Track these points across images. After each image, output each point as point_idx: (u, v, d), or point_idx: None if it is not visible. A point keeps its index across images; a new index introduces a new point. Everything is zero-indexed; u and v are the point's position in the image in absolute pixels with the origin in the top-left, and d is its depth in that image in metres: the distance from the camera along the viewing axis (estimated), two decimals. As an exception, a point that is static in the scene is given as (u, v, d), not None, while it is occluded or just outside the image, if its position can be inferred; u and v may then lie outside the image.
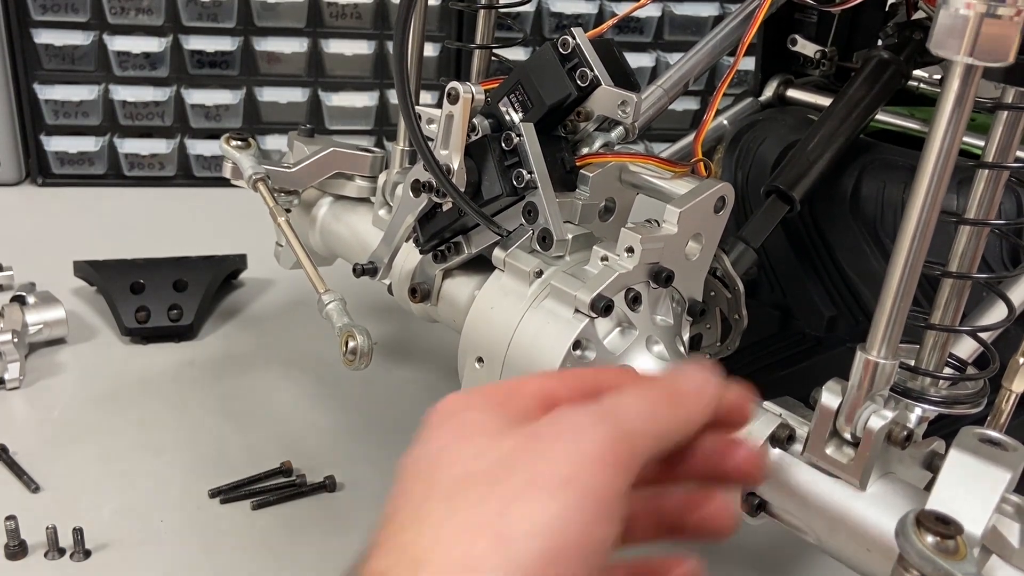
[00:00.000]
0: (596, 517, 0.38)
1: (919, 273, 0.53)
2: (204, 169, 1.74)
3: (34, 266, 1.28)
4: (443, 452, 0.42)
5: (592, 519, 0.38)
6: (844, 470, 0.55)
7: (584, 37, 0.71)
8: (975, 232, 0.61)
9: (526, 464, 0.40)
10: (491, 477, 0.40)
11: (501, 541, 0.37)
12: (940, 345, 0.62)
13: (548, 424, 0.41)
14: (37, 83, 1.64)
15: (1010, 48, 0.47)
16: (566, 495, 0.38)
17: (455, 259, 0.79)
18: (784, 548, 0.90)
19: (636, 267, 0.65)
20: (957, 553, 0.42)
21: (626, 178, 0.74)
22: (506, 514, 0.38)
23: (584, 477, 0.39)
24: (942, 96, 0.49)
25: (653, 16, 1.76)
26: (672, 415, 0.43)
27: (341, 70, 1.73)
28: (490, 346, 0.68)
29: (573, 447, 0.40)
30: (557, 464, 0.39)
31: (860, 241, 0.97)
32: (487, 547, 0.37)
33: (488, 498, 0.39)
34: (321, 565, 0.86)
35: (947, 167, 0.50)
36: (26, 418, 1.06)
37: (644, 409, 0.42)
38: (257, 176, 0.95)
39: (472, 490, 0.39)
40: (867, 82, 0.94)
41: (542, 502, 0.38)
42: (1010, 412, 0.60)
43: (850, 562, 0.56)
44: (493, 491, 0.39)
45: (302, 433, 1.05)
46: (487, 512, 0.38)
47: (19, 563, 0.84)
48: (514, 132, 0.71)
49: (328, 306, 0.84)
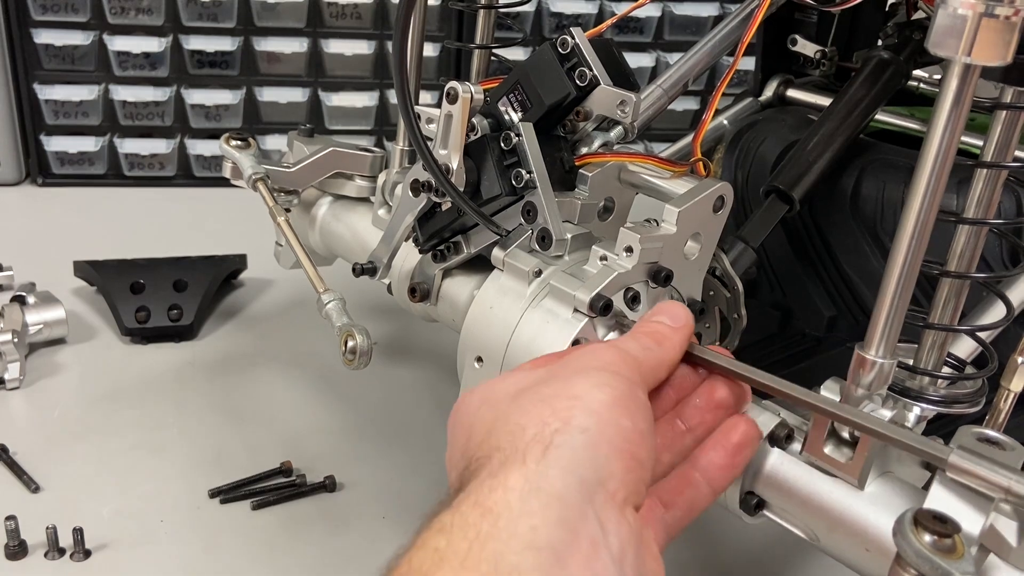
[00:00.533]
0: (633, 385, 0.50)
1: (917, 272, 0.53)
2: (204, 169, 1.74)
3: (34, 266, 1.28)
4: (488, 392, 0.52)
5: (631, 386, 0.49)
6: (842, 469, 0.55)
7: (583, 37, 0.71)
8: (973, 231, 0.62)
9: (565, 367, 0.51)
10: (541, 381, 0.50)
11: (575, 398, 0.47)
12: (939, 344, 0.62)
13: (569, 353, 0.54)
14: (37, 83, 1.64)
15: (1008, 48, 0.47)
16: (603, 373, 0.49)
17: (454, 259, 0.79)
18: (783, 547, 0.90)
19: (635, 266, 0.65)
20: (954, 552, 0.42)
21: (625, 178, 0.74)
22: (570, 385, 0.48)
23: (612, 368, 0.50)
24: (940, 95, 0.49)
25: (653, 16, 1.76)
26: (660, 351, 0.55)
27: (341, 70, 1.73)
28: (489, 345, 0.68)
29: (596, 355, 0.51)
30: (590, 362, 0.51)
31: (860, 241, 0.97)
32: (567, 403, 0.47)
33: (549, 384, 0.49)
34: (321, 565, 0.86)
35: (945, 166, 0.50)
36: (26, 418, 1.06)
37: (639, 349, 0.54)
38: (257, 176, 0.95)
39: (531, 390, 0.49)
40: (867, 82, 0.94)
41: (591, 376, 0.49)
42: (1008, 411, 0.60)
43: (848, 561, 0.56)
44: (550, 383, 0.49)
45: (302, 433, 1.05)
46: (553, 389, 0.49)
47: (19, 563, 0.84)
48: (513, 132, 0.71)
49: (327, 305, 0.84)
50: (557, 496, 0.43)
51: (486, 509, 0.42)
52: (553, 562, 0.40)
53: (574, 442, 0.45)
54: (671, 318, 0.56)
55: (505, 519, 0.41)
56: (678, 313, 0.57)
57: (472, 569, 0.40)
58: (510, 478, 0.43)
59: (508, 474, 0.44)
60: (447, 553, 0.40)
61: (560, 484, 0.43)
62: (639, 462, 0.47)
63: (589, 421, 0.46)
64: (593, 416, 0.46)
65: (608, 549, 0.43)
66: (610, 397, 0.47)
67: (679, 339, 0.55)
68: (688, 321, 0.57)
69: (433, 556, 0.41)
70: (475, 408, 0.51)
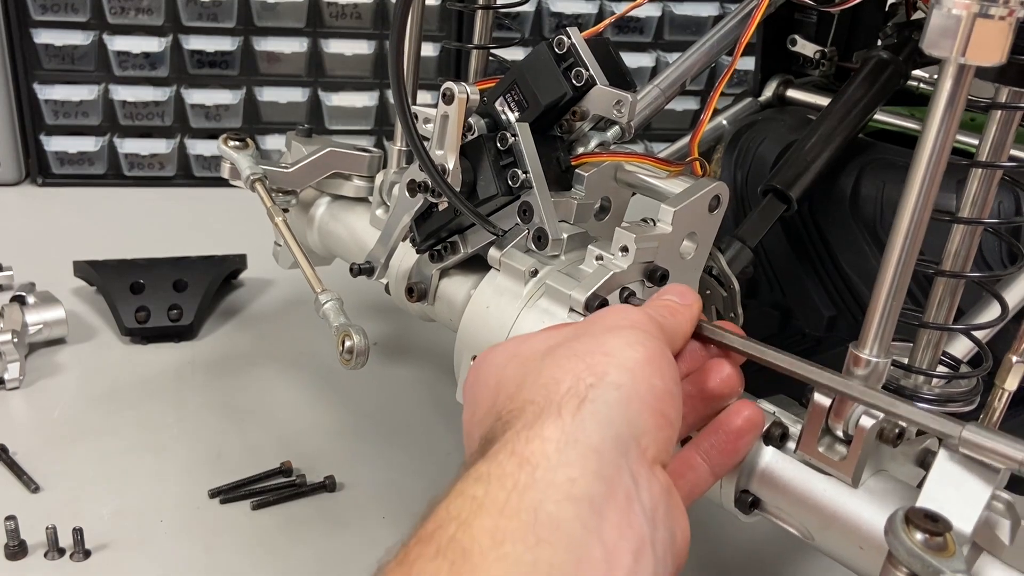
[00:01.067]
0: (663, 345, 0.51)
1: (911, 271, 0.53)
2: (204, 169, 1.74)
3: (34, 266, 1.28)
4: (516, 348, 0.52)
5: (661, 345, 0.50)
6: (836, 468, 0.55)
7: (579, 37, 0.71)
8: (969, 231, 0.62)
9: (594, 324, 0.52)
10: (572, 337, 0.50)
11: (608, 355, 0.48)
12: (934, 343, 0.63)
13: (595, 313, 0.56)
14: (37, 83, 1.64)
15: (1002, 48, 0.47)
16: (635, 331, 0.50)
17: (451, 258, 0.79)
18: (777, 545, 0.91)
19: (631, 266, 0.65)
20: (946, 550, 0.42)
21: (621, 177, 0.75)
22: (602, 342, 0.49)
23: (641, 327, 0.51)
24: (935, 95, 0.49)
25: (653, 16, 1.76)
26: (675, 321, 0.56)
27: (341, 70, 1.73)
28: (486, 345, 0.68)
29: (624, 313, 0.53)
30: (619, 320, 0.52)
31: (859, 241, 0.97)
32: (600, 359, 0.48)
33: (581, 340, 0.50)
34: (321, 565, 0.86)
35: (939, 166, 0.50)
36: (26, 418, 1.06)
37: (658, 315, 0.55)
38: (255, 176, 0.96)
39: (563, 346, 0.50)
40: (866, 82, 0.94)
41: (623, 334, 0.50)
42: (1003, 410, 0.60)
43: (842, 559, 0.56)
44: (581, 339, 0.50)
45: (302, 433, 1.05)
46: (586, 346, 0.49)
47: (19, 563, 0.84)
48: (509, 132, 0.71)
49: (325, 305, 0.85)
50: (594, 449, 0.43)
51: (523, 459, 0.43)
52: (591, 513, 0.41)
53: (608, 397, 0.46)
54: (679, 296, 0.58)
55: (543, 469, 0.42)
56: (685, 292, 0.58)
57: (511, 517, 0.40)
58: (546, 429, 0.44)
59: (544, 425, 0.44)
60: (485, 501, 0.41)
61: (596, 437, 0.44)
62: (669, 421, 0.48)
63: (623, 378, 0.47)
64: (627, 373, 0.47)
65: (640, 503, 0.44)
66: (643, 356, 0.48)
67: (690, 314, 0.57)
68: (696, 300, 0.58)
69: (471, 504, 0.41)
70: (501, 365, 0.52)
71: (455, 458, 1.01)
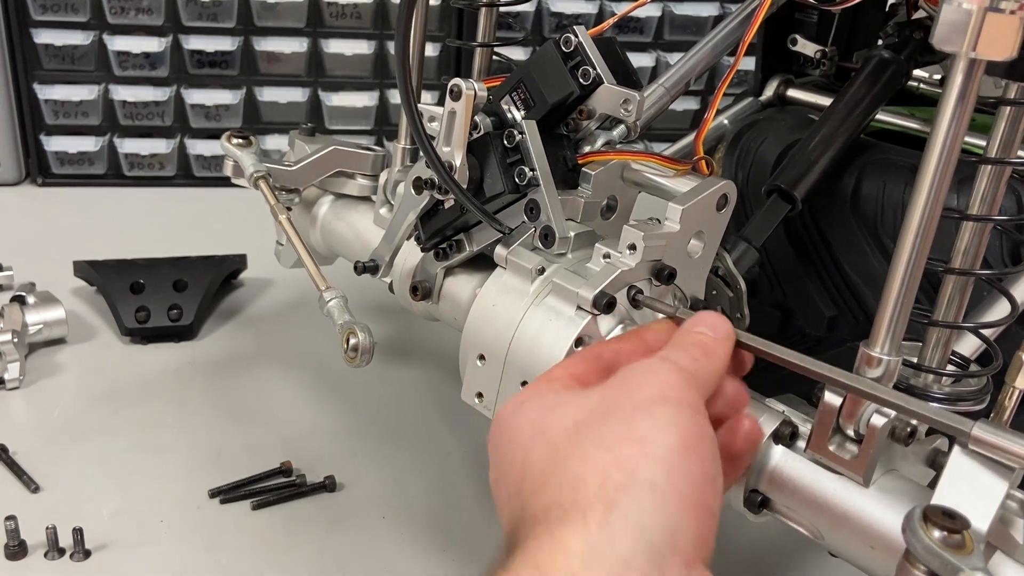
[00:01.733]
0: (697, 415, 0.47)
1: (922, 270, 0.53)
2: (204, 169, 1.74)
3: (34, 266, 1.28)
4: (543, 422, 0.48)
5: (695, 417, 0.46)
6: (847, 467, 0.55)
7: (586, 35, 0.71)
8: (977, 229, 0.61)
9: (624, 398, 0.47)
10: (600, 415, 0.47)
11: (639, 444, 0.44)
12: (943, 342, 0.62)
13: (625, 373, 0.50)
14: (37, 83, 1.64)
15: (1013, 43, 0.47)
16: (667, 406, 0.46)
17: (457, 257, 0.79)
18: (787, 545, 0.90)
19: (638, 264, 0.65)
20: (964, 548, 0.42)
21: (628, 176, 0.74)
22: (633, 426, 0.45)
23: (673, 395, 0.47)
24: (945, 91, 0.49)
25: (653, 16, 1.76)
26: (710, 363, 0.53)
27: (341, 70, 1.73)
28: (492, 344, 0.68)
29: (654, 378, 0.48)
30: (650, 389, 0.47)
31: (860, 241, 0.97)
32: (631, 451, 0.44)
33: (608, 423, 0.46)
34: (321, 565, 0.86)
35: (950, 163, 0.50)
36: (26, 418, 1.06)
37: (690, 361, 0.51)
38: (258, 174, 0.95)
39: (590, 428, 0.46)
40: (867, 82, 0.94)
41: (654, 412, 0.46)
42: (1014, 408, 0.60)
43: (853, 559, 0.56)
44: (609, 421, 0.46)
45: (302, 433, 1.05)
46: (615, 432, 0.45)
47: (19, 563, 0.84)
48: (516, 130, 0.70)
49: (329, 303, 0.84)
50: (624, 562, 0.40)
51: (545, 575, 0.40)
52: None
53: (642, 500, 0.42)
54: (712, 328, 0.55)
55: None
56: (718, 324, 0.55)
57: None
58: (570, 540, 0.41)
59: (567, 535, 0.41)
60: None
61: (626, 548, 0.41)
62: (711, 512, 0.44)
63: (657, 474, 0.43)
64: (661, 466, 0.43)
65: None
66: (677, 440, 0.44)
67: (724, 351, 0.54)
68: (730, 331, 0.55)
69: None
70: (527, 442, 0.48)
71: (455, 458, 1.01)
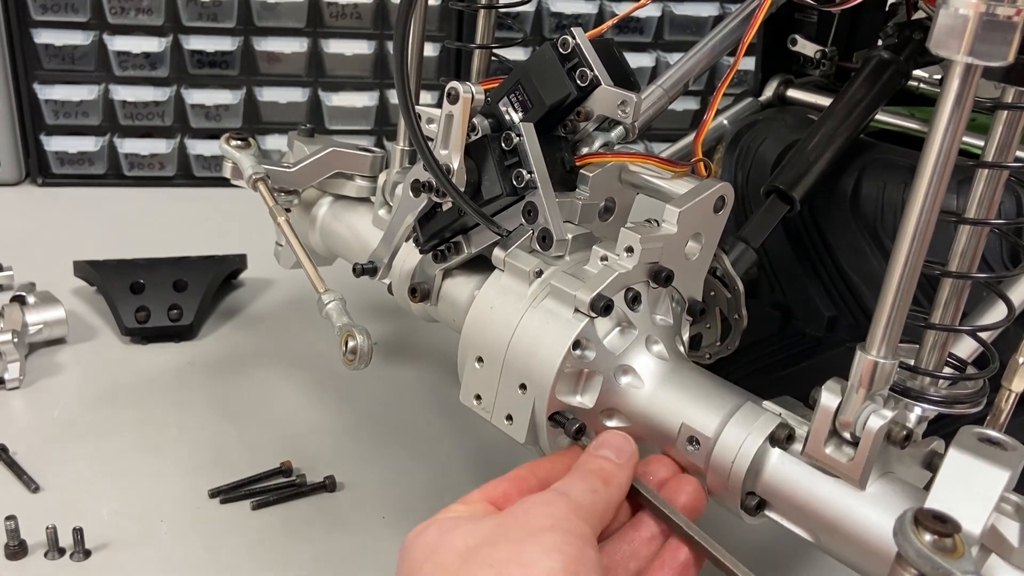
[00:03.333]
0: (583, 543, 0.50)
1: (919, 273, 0.53)
2: (204, 169, 1.74)
3: (34, 266, 1.28)
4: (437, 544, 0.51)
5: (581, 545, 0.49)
6: (843, 470, 0.55)
7: (584, 37, 0.71)
8: (975, 232, 0.61)
9: (515, 527, 0.50)
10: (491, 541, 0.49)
11: (525, 567, 0.47)
12: (940, 345, 0.62)
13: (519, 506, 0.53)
14: (37, 83, 1.64)
15: (1010, 48, 0.47)
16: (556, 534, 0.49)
17: (455, 259, 0.79)
18: (783, 547, 0.90)
19: (636, 267, 0.65)
20: (955, 552, 0.42)
21: (626, 178, 0.74)
22: (521, 552, 0.48)
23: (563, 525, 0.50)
24: (942, 95, 0.49)
25: (653, 16, 1.76)
26: (607, 493, 0.55)
27: (341, 70, 1.73)
28: (490, 346, 0.68)
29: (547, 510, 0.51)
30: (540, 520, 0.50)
31: (860, 241, 0.97)
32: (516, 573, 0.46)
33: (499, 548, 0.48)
34: (321, 565, 0.86)
35: (947, 166, 0.50)
36: (26, 418, 1.06)
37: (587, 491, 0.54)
38: (257, 176, 0.95)
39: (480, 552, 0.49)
40: (867, 82, 0.94)
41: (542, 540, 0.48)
42: (1009, 411, 0.60)
43: (849, 561, 0.56)
44: (498, 546, 0.49)
45: (302, 433, 1.05)
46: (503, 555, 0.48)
47: (19, 563, 0.84)
48: (514, 132, 0.71)
49: (328, 306, 0.84)
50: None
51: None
52: None
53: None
54: (616, 452, 0.58)
55: None
56: (622, 447, 0.58)
57: None
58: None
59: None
60: None
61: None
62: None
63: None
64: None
65: None
66: (561, 565, 0.47)
67: (625, 477, 0.57)
68: (633, 453, 0.58)
69: None
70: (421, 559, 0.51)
71: (455, 459, 1.01)
